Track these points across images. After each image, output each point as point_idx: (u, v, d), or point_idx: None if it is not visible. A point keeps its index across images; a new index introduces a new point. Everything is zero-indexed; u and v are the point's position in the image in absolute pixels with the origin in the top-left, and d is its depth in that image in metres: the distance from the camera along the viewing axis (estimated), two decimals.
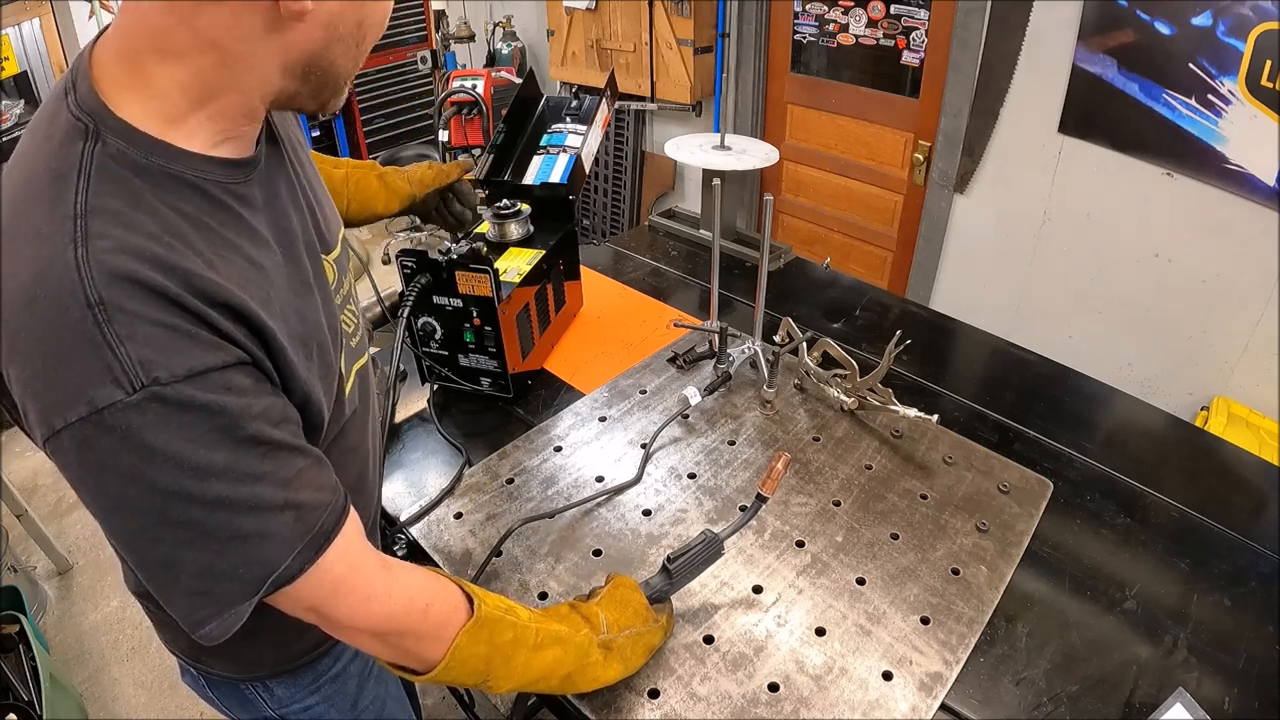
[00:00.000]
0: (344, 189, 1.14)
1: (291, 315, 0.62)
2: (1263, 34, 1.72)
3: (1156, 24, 1.90)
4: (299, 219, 0.69)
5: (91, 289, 0.49)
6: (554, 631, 0.74)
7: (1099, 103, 2.09)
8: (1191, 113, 1.91)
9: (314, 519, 0.60)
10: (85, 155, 0.53)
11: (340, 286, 0.76)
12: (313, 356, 0.64)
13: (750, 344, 1.29)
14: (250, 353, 0.56)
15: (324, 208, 0.78)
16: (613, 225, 3.89)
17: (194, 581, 0.56)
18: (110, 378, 0.49)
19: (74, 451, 0.51)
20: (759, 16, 2.96)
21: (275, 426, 0.58)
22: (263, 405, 0.57)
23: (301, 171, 0.74)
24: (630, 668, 0.79)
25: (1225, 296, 2.02)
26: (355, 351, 0.79)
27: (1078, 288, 2.35)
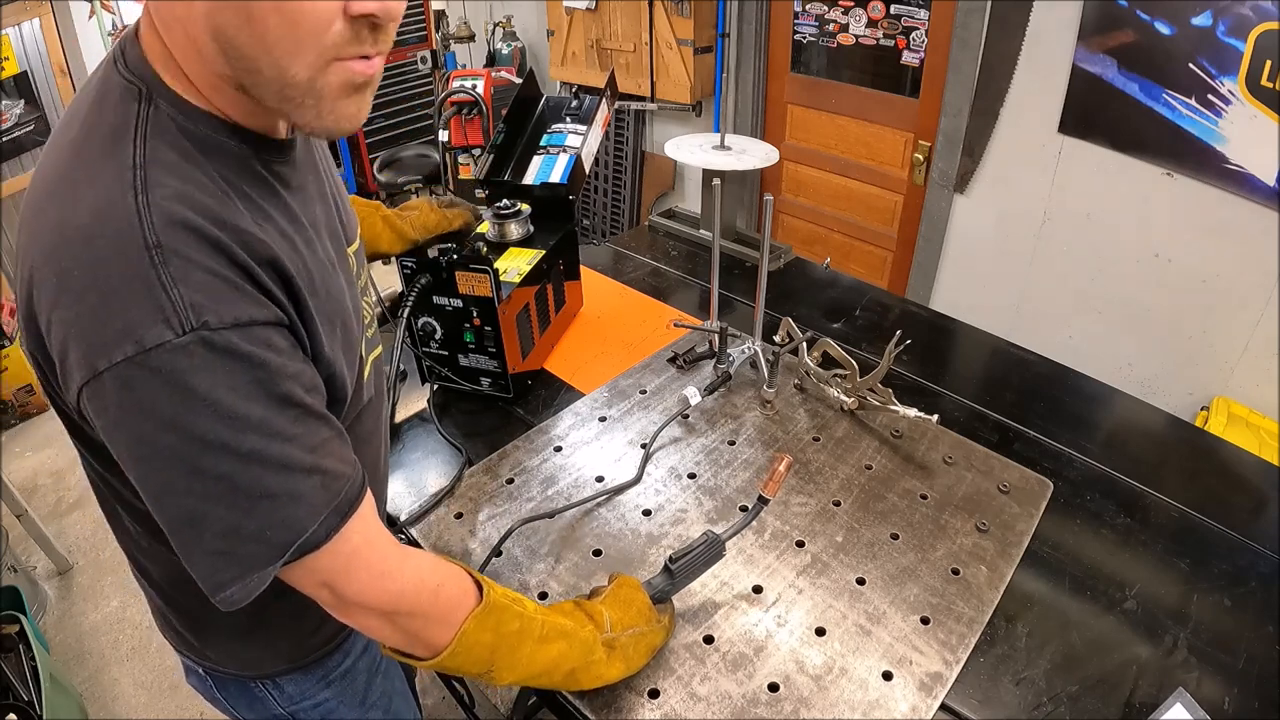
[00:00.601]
0: None
1: (321, 290, 0.63)
2: (1263, 34, 1.72)
3: (1156, 24, 1.90)
4: (324, 209, 0.71)
5: (150, 231, 0.50)
6: (560, 625, 0.74)
7: (1099, 103, 2.09)
8: (1191, 113, 1.91)
9: (339, 487, 0.60)
10: (141, 115, 0.54)
11: (359, 277, 0.78)
12: (337, 333, 0.65)
13: (750, 344, 1.29)
14: (289, 314, 0.58)
15: (345, 203, 0.80)
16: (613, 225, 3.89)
17: (219, 541, 0.56)
18: (161, 318, 0.50)
19: (115, 393, 0.51)
20: (759, 16, 2.96)
21: (307, 392, 0.58)
22: (297, 367, 0.58)
23: (325, 165, 0.76)
24: (632, 667, 0.79)
25: (1225, 296, 2.02)
26: (372, 341, 0.80)
27: (1078, 288, 2.35)
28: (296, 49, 0.52)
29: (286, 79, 0.53)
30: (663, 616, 0.83)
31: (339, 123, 0.58)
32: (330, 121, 0.57)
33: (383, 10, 0.53)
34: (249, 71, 0.53)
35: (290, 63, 0.52)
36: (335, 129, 0.58)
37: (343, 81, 0.55)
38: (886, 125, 2.76)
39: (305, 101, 0.55)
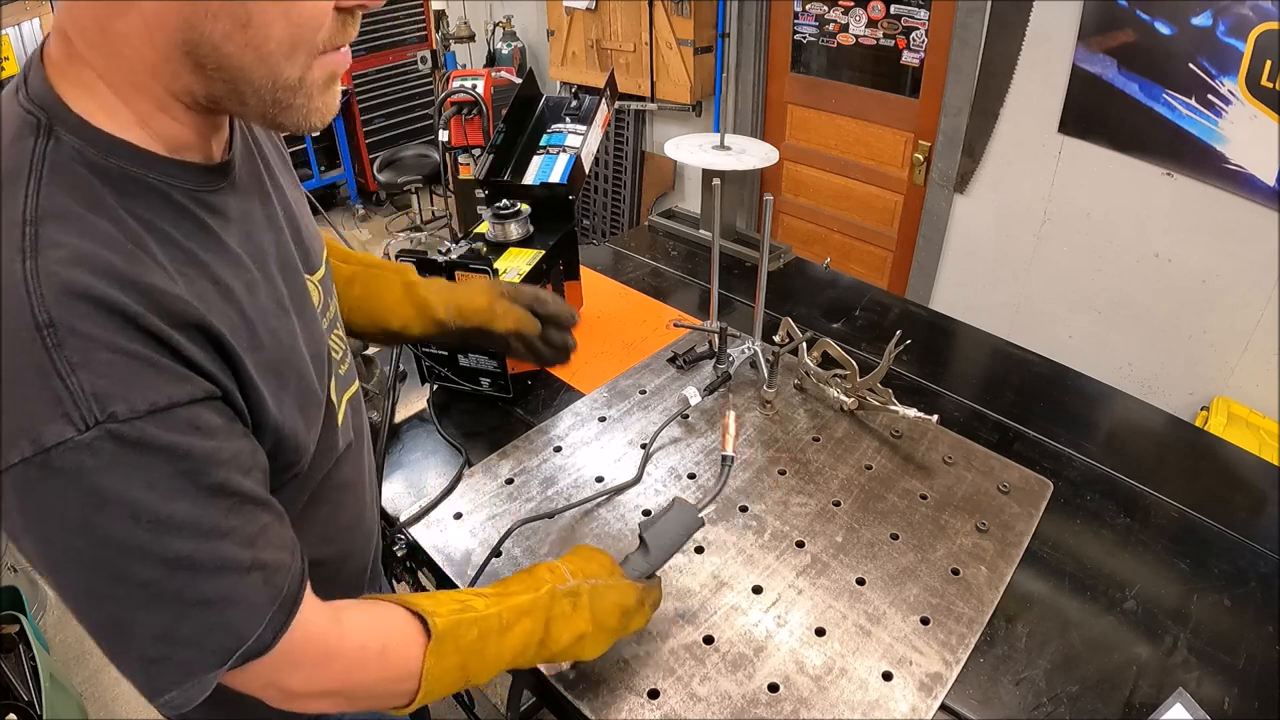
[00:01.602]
0: (347, 292, 0.93)
1: (265, 339, 0.56)
2: (1263, 34, 1.72)
3: (1156, 24, 1.90)
4: (274, 237, 0.63)
5: (41, 308, 0.43)
6: (517, 605, 0.70)
7: (1099, 103, 2.09)
8: (1191, 113, 1.91)
9: (281, 581, 0.54)
10: (37, 153, 0.47)
11: (326, 309, 0.71)
12: (288, 386, 0.58)
13: (750, 344, 1.29)
14: (221, 384, 0.51)
15: (306, 226, 0.72)
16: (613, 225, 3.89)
17: (150, 647, 0.50)
18: (60, 411, 0.43)
19: (16, 497, 0.44)
20: (759, 16, 2.96)
21: (244, 475, 0.52)
22: (232, 449, 0.51)
23: (279, 186, 0.69)
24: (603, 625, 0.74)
25: (1225, 296, 2.02)
26: (345, 379, 0.73)
27: (1078, 288, 2.35)
28: (294, 50, 0.49)
29: (280, 82, 0.50)
30: (639, 582, 0.78)
31: (323, 117, 0.55)
32: (316, 118, 0.54)
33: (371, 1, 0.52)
34: (235, 81, 0.49)
35: (285, 65, 0.49)
36: (319, 124, 0.55)
37: (327, 75, 0.53)
38: (886, 125, 2.76)
39: (295, 102, 0.52)
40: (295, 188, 0.75)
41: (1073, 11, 2.06)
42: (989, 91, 2.33)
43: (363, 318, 0.95)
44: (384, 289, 0.95)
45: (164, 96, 0.50)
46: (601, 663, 0.82)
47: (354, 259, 0.96)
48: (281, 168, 0.73)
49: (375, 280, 0.95)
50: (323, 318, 0.69)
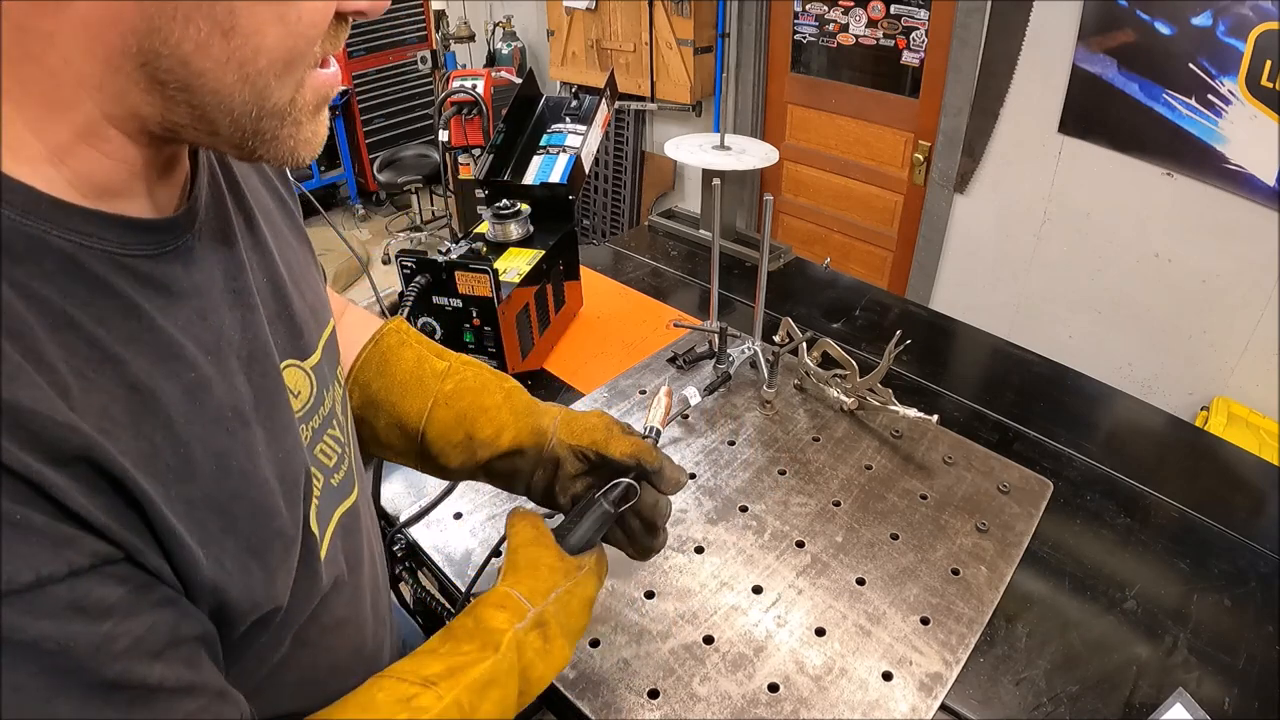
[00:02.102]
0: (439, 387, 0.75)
1: (203, 466, 0.42)
2: (1263, 34, 1.72)
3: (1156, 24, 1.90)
4: (242, 317, 0.48)
5: None
6: (476, 680, 0.56)
7: (1099, 103, 2.09)
8: (1191, 113, 1.91)
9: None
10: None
11: (319, 404, 0.57)
12: (235, 526, 0.44)
13: (750, 344, 1.29)
14: (121, 541, 0.37)
15: (302, 295, 0.57)
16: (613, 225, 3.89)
17: None
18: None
19: None
20: (759, 16, 2.96)
21: (156, 659, 0.38)
22: (135, 631, 0.37)
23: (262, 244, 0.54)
24: (575, 633, 0.66)
25: (1225, 296, 2.02)
26: (337, 493, 0.59)
27: (1078, 288, 2.35)
28: (288, 67, 0.40)
29: (266, 107, 0.40)
30: (585, 559, 0.67)
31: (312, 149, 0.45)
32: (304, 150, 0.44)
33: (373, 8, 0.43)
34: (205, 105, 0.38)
35: (275, 86, 0.40)
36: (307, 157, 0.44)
37: (319, 98, 0.43)
38: (886, 125, 2.76)
39: (280, 132, 0.42)
40: (295, 239, 0.61)
41: (1073, 11, 2.06)
42: (989, 91, 2.33)
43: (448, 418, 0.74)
44: (482, 387, 0.76)
45: (95, 121, 0.38)
46: (601, 663, 0.82)
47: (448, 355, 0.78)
48: (279, 214, 0.60)
49: (474, 377, 0.77)
50: (311, 417, 0.55)
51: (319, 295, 0.62)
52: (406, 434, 0.75)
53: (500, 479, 0.77)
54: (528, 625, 0.60)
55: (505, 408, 0.75)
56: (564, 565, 0.65)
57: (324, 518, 0.56)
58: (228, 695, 0.44)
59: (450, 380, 0.76)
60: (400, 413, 0.74)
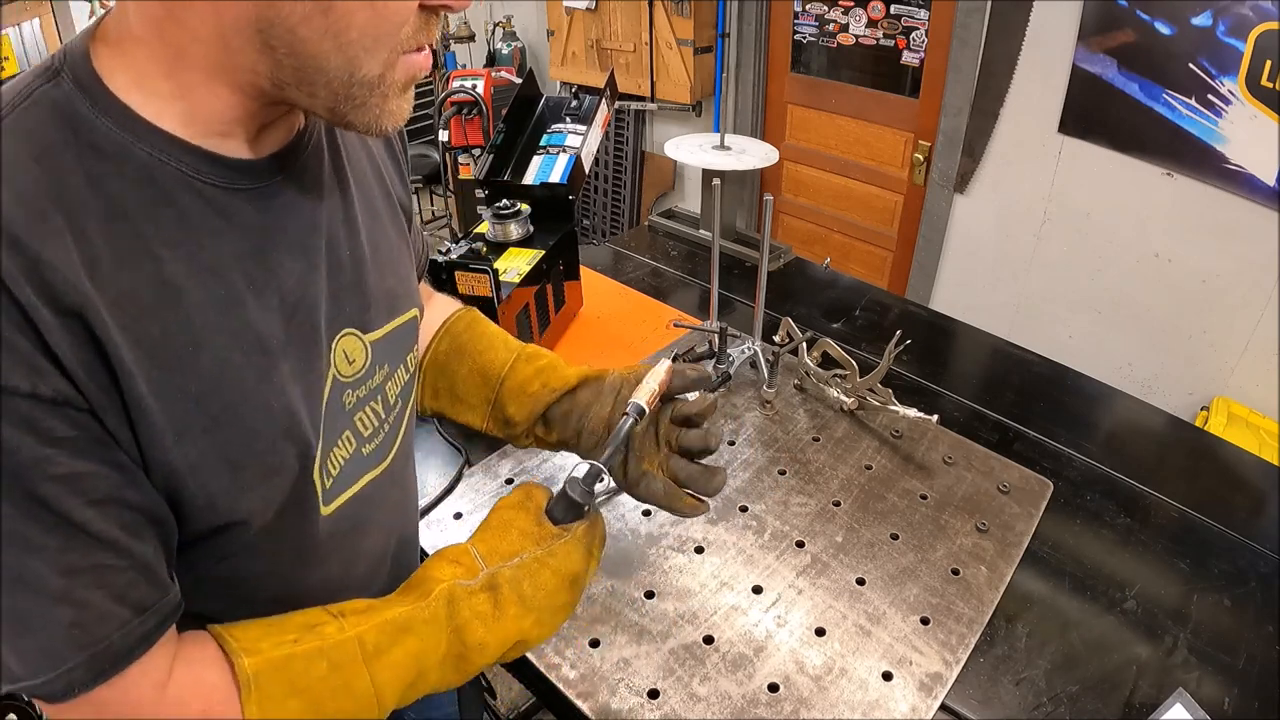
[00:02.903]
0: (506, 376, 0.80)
1: (206, 364, 0.47)
2: (1263, 34, 1.72)
3: (1156, 24, 1.90)
4: (303, 271, 0.54)
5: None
6: (389, 621, 0.56)
7: (1099, 103, 2.09)
8: (1191, 113, 1.91)
9: (100, 633, 0.44)
10: (24, 90, 0.44)
11: (370, 377, 0.61)
12: (216, 430, 0.48)
13: (750, 344, 1.29)
14: (88, 394, 0.42)
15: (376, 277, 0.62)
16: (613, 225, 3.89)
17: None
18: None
19: None
20: (759, 16, 2.96)
21: (87, 504, 0.42)
22: (74, 469, 0.42)
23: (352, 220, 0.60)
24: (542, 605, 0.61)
25: (1225, 296, 2.02)
26: (368, 460, 0.63)
27: (1078, 288, 2.35)
28: (375, 45, 0.46)
29: (357, 77, 0.47)
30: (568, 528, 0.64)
31: (395, 121, 0.51)
32: (388, 121, 0.50)
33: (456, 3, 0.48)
34: (306, 68, 0.45)
35: (366, 60, 0.46)
36: (391, 128, 0.51)
37: (407, 78, 0.50)
38: (886, 125, 2.76)
39: (370, 100, 0.48)
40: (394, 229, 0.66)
41: (1073, 11, 2.06)
42: (989, 91, 2.33)
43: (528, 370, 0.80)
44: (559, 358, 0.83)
45: (215, 72, 0.46)
46: (601, 662, 0.82)
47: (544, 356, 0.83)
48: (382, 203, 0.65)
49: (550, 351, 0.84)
50: (359, 386, 0.60)
51: (405, 285, 0.67)
52: (487, 380, 0.81)
53: (556, 425, 0.79)
54: (477, 585, 0.59)
55: (580, 367, 0.81)
56: (538, 530, 0.63)
57: (346, 479, 0.60)
58: (153, 572, 0.47)
59: (531, 347, 0.83)
60: (485, 360, 0.81)
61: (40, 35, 3.10)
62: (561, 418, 0.78)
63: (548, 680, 0.81)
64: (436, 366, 0.82)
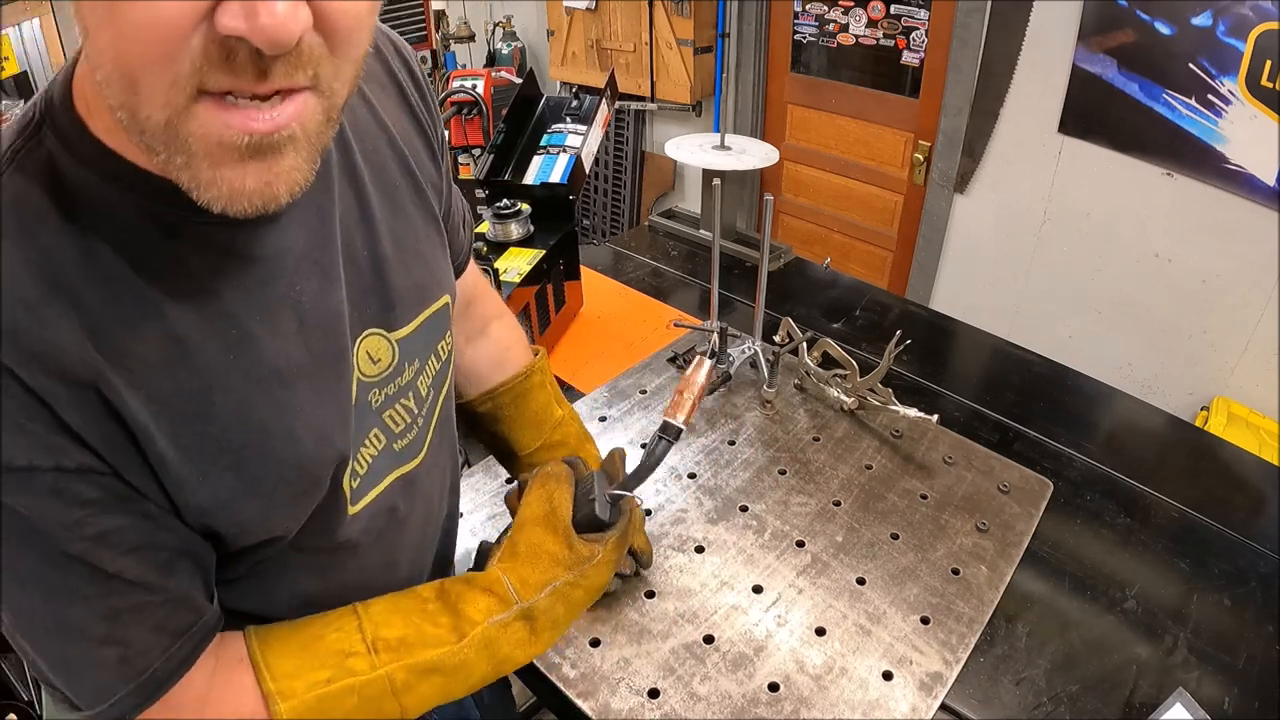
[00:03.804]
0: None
1: (222, 411, 0.47)
2: (1263, 34, 1.72)
3: (1156, 24, 1.90)
4: (320, 285, 0.52)
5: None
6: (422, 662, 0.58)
7: (1099, 103, 2.09)
8: (1191, 113, 1.91)
9: (144, 664, 0.48)
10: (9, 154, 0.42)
11: (399, 374, 0.60)
12: (240, 467, 0.49)
13: (750, 344, 1.29)
14: (109, 459, 0.43)
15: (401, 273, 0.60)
16: (613, 225, 3.89)
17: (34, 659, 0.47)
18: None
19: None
20: (759, 16, 2.96)
21: (121, 554, 0.45)
22: (105, 526, 0.44)
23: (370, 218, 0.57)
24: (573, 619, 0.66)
25: (1225, 296, 2.02)
26: (400, 455, 0.62)
27: (1078, 288, 2.35)
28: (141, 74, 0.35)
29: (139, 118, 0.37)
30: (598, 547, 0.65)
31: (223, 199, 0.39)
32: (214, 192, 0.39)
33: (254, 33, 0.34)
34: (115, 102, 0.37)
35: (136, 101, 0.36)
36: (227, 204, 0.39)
37: (218, 137, 0.37)
38: (886, 125, 2.76)
39: (174, 158, 0.38)
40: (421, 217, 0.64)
41: (1073, 11, 2.06)
42: (989, 91, 2.33)
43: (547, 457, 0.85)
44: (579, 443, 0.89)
45: None
46: (602, 662, 0.82)
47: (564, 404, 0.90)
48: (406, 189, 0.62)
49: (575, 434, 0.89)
50: (386, 384, 0.59)
51: (434, 274, 0.65)
52: (509, 454, 0.88)
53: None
54: (509, 618, 0.61)
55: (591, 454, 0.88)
56: (570, 555, 0.64)
57: (375, 476, 0.60)
58: (189, 601, 0.50)
59: (559, 431, 0.87)
60: (514, 439, 0.86)
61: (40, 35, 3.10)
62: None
63: (548, 680, 0.81)
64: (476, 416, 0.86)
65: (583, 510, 0.66)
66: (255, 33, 0.34)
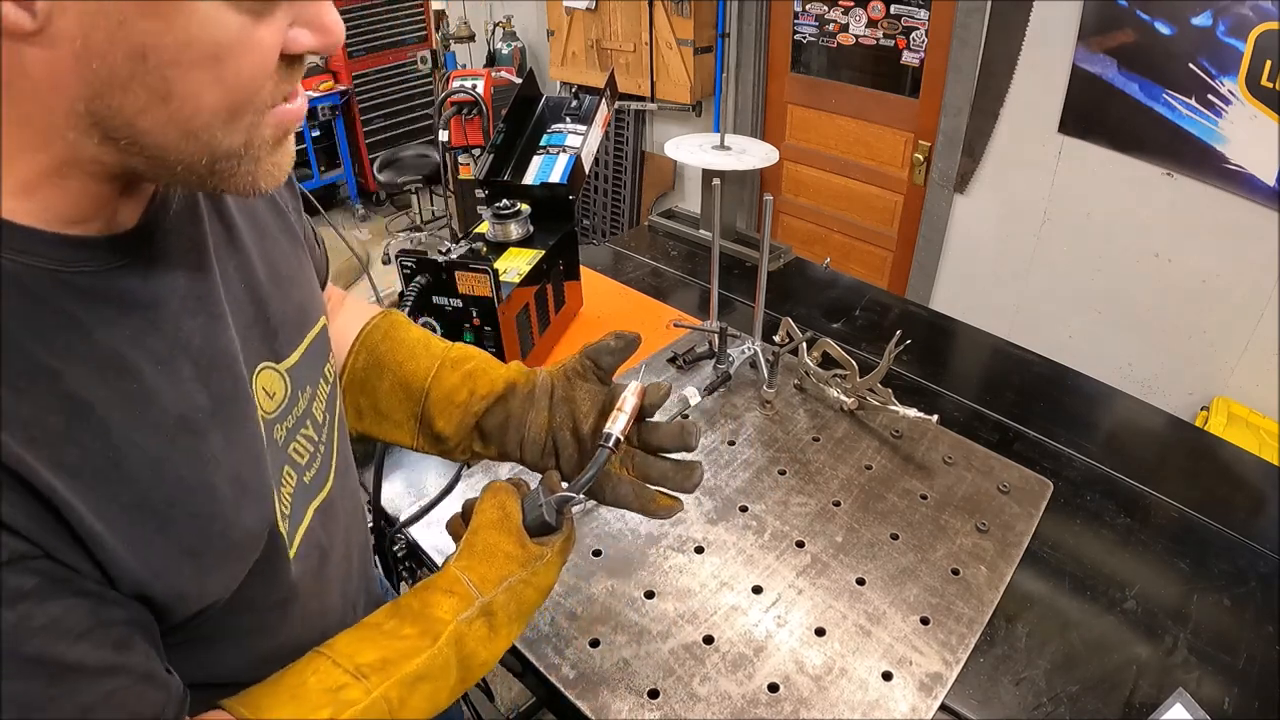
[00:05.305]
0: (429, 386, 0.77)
1: (139, 472, 0.45)
2: (1263, 34, 1.72)
3: (1156, 24, 1.90)
4: (205, 324, 0.50)
5: None
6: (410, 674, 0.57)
7: (1099, 103, 2.09)
8: (1191, 113, 1.91)
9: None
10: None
11: (294, 405, 0.59)
12: (172, 527, 0.46)
13: (750, 344, 1.29)
14: (37, 541, 0.40)
15: (278, 300, 0.59)
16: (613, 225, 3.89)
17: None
18: None
19: None
20: (759, 16, 2.96)
21: (74, 641, 0.41)
22: (50, 614, 0.40)
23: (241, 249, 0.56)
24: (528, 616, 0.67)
25: (1225, 296, 2.02)
26: (310, 488, 0.61)
27: (1078, 288, 2.35)
28: (231, 119, 0.41)
29: (218, 154, 0.42)
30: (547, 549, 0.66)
31: (274, 179, 0.46)
32: (265, 182, 0.46)
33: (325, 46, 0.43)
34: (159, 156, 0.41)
35: (224, 137, 0.41)
36: (269, 187, 0.46)
37: (279, 133, 0.45)
38: (886, 125, 2.76)
39: (239, 170, 0.44)
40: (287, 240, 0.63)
41: (1073, 11, 2.06)
42: (989, 91, 2.33)
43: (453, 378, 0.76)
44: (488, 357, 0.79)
45: (60, 164, 0.41)
46: (601, 662, 0.82)
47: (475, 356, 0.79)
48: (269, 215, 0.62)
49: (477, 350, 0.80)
50: (285, 417, 0.58)
51: (308, 293, 0.64)
52: (410, 394, 0.76)
53: (494, 439, 0.76)
54: (473, 614, 0.61)
55: (508, 368, 0.77)
56: (523, 554, 0.65)
57: (297, 515, 0.58)
58: (154, 677, 0.46)
59: (455, 350, 0.78)
60: (406, 372, 0.76)
61: None
62: (498, 430, 0.75)
63: (548, 680, 0.81)
64: (356, 384, 0.77)
65: (531, 515, 0.67)
66: (326, 46, 0.43)
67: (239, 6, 0.38)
